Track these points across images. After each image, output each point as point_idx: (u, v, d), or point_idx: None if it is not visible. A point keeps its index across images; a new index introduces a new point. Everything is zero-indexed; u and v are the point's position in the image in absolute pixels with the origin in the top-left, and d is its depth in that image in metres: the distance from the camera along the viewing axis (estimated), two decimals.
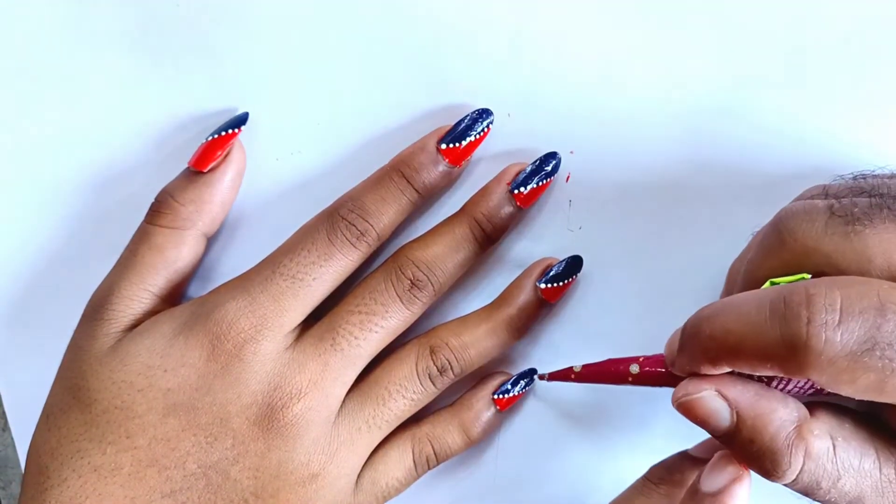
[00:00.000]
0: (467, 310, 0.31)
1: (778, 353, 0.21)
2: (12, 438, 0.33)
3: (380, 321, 0.28)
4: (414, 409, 0.30)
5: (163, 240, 0.29)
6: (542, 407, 0.32)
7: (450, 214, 0.30)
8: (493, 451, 0.32)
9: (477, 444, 0.31)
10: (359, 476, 0.30)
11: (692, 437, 0.31)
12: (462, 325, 0.30)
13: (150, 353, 0.27)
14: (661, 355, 0.26)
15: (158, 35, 0.30)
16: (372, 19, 0.30)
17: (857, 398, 0.22)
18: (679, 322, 0.31)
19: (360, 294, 0.29)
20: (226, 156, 0.29)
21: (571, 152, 0.30)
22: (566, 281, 0.30)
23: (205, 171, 0.29)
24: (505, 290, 0.31)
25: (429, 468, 0.31)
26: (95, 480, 0.26)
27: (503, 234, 0.30)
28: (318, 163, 0.31)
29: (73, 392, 0.28)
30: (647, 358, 0.27)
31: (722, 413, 0.23)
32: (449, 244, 0.29)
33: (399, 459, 0.30)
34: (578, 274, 0.30)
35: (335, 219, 0.28)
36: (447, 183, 0.30)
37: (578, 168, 0.30)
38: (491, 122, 0.29)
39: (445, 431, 0.31)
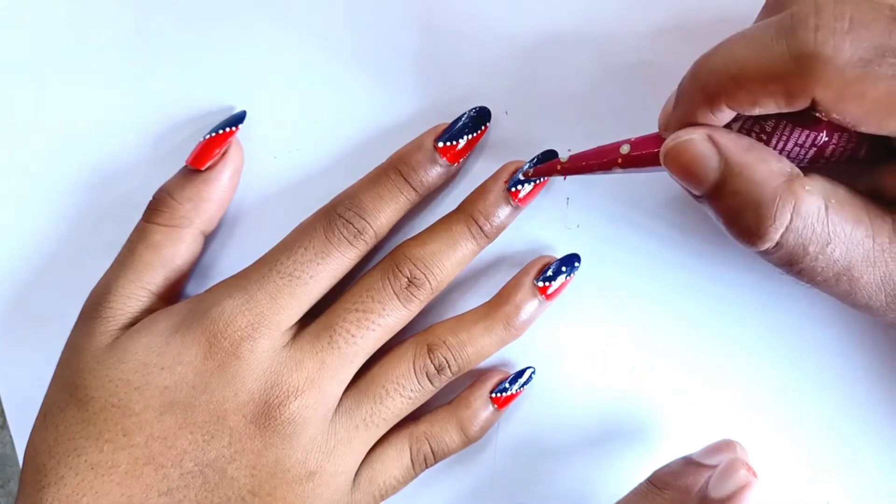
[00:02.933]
0: (465, 308, 0.31)
1: (783, 68, 0.20)
2: (11, 436, 0.33)
3: (377, 319, 0.28)
4: (412, 408, 0.30)
5: (160, 238, 0.29)
6: (540, 406, 0.32)
7: (445, 211, 0.30)
8: (492, 451, 0.32)
9: (475, 442, 0.31)
10: (356, 474, 0.30)
11: (692, 437, 0.31)
12: (460, 323, 0.30)
13: (147, 351, 0.27)
14: (653, 134, 0.25)
15: (156, 33, 0.30)
16: (369, 18, 0.30)
17: (861, 128, 0.20)
18: (678, 320, 0.31)
19: (358, 292, 0.29)
20: (223, 154, 0.29)
21: (569, 150, 0.30)
22: (564, 279, 0.30)
23: (202, 169, 0.29)
24: (503, 289, 0.30)
25: (426, 467, 0.31)
26: (92, 478, 0.26)
27: (500, 232, 0.30)
28: (315, 161, 0.31)
29: (70, 390, 0.28)
30: (638, 138, 0.25)
31: (710, 159, 0.22)
32: (446, 242, 0.29)
33: (397, 458, 0.30)
34: (576, 272, 0.30)
35: (332, 217, 0.28)
36: (444, 181, 0.30)
37: None
38: (488, 121, 0.29)
39: (443, 430, 0.30)
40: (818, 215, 0.21)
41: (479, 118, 0.29)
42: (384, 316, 0.28)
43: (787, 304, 0.30)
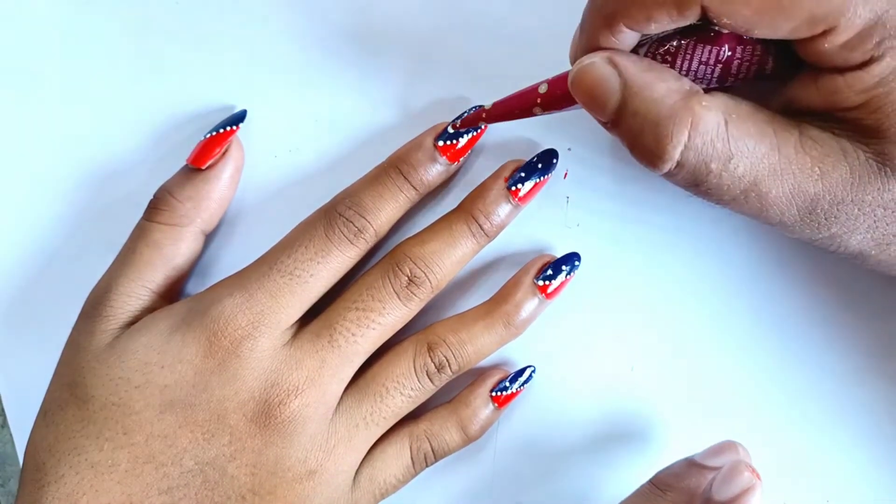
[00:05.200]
0: (465, 307, 0.31)
1: None
2: (11, 435, 0.33)
3: (377, 318, 0.28)
4: (412, 406, 0.30)
5: (161, 236, 0.29)
6: (540, 405, 0.32)
7: (446, 210, 0.30)
8: (491, 451, 0.32)
9: (475, 441, 0.31)
10: (356, 473, 0.29)
11: (692, 436, 0.31)
12: (460, 321, 0.30)
13: (147, 349, 0.27)
14: (567, 72, 0.25)
15: (157, 32, 0.30)
16: (369, 17, 0.30)
17: (756, 32, 0.20)
18: (678, 319, 0.31)
19: (358, 291, 0.29)
20: (224, 153, 0.29)
21: (569, 149, 0.30)
22: (564, 278, 0.30)
23: (203, 168, 0.29)
24: (503, 287, 0.30)
25: (426, 465, 0.31)
26: (92, 477, 0.26)
27: (501, 231, 0.30)
28: (315, 160, 0.31)
29: (70, 388, 0.28)
30: (554, 77, 0.25)
31: (610, 81, 0.22)
32: (446, 241, 0.29)
33: (397, 456, 0.30)
34: (576, 271, 0.30)
35: (333, 216, 0.28)
36: (444, 180, 0.30)
37: (576, 165, 0.30)
38: None
39: (443, 429, 0.30)
40: (717, 131, 0.21)
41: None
42: (384, 314, 0.28)
43: (788, 303, 0.30)
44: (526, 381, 0.31)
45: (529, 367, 0.31)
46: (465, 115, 0.29)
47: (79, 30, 0.31)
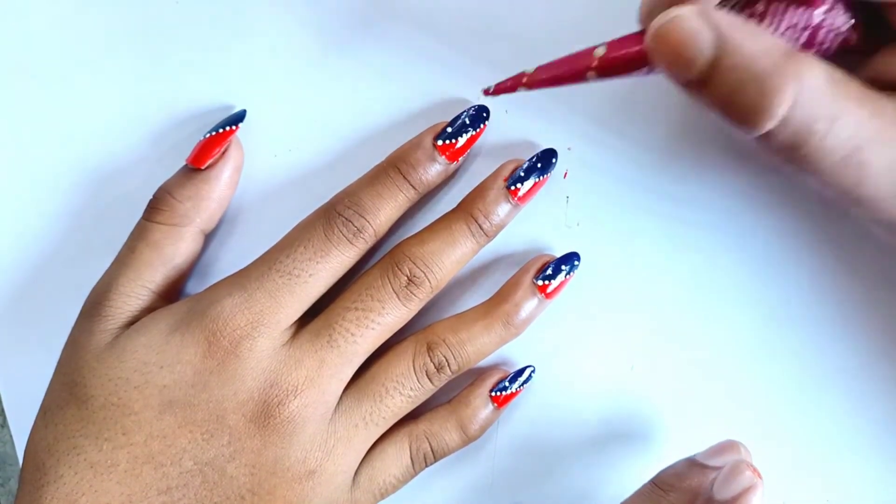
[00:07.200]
0: (464, 306, 0.31)
1: None
2: (10, 435, 0.33)
3: (377, 318, 0.28)
4: (411, 406, 0.30)
5: (160, 236, 0.29)
6: (540, 405, 0.32)
7: (445, 209, 0.30)
8: (492, 451, 0.32)
9: (474, 441, 0.31)
10: (356, 473, 0.29)
11: (692, 435, 0.31)
12: (459, 321, 0.30)
13: (146, 349, 0.27)
14: (631, 34, 0.23)
15: (156, 32, 0.30)
16: (368, 16, 0.30)
17: None
18: (678, 318, 0.31)
19: (357, 291, 0.28)
20: (224, 153, 0.29)
21: (569, 148, 0.30)
22: (563, 277, 0.30)
23: (203, 168, 0.29)
24: (502, 287, 0.30)
25: (426, 465, 0.31)
26: (91, 477, 0.26)
27: (500, 231, 0.30)
28: (315, 159, 0.31)
29: (69, 388, 0.28)
30: (614, 39, 0.23)
31: (703, 35, 0.20)
32: (446, 240, 0.29)
33: (396, 456, 0.30)
34: (575, 270, 0.30)
35: (332, 215, 0.28)
36: (443, 179, 0.30)
37: (576, 164, 0.30)
38: (488, 119, 0.29)
39: (443, 429, 0.30)
40: (824, 88, 0.20)
41: (479, 116, 0.29)
42: (384, 314, 0.28)
43: (789, 302, 0.30)
44: (525, 381, 0.31)
45: (529, 366, 0.31)
46: (537, 160, 0.28)
47: (78, 30, 0.31)
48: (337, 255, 0.28)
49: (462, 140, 0.29)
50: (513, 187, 0.29)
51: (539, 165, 0.29)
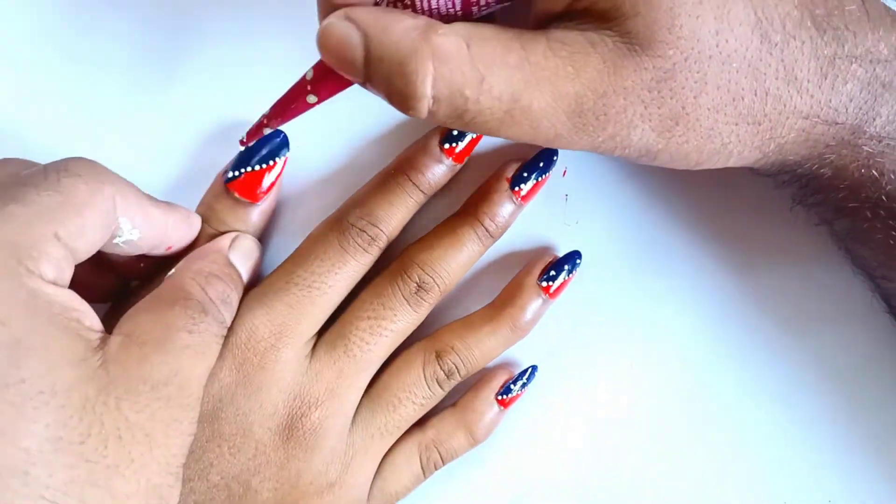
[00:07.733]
0: (466, 306, 0.31)
1: None
2: None
3: (389, 325, 0.28)
4: (421, 413, 0.30)
5: None
6: (541, 404, 0.32)
7: (444, 207, 0.30)
8: (492, 451, 0.32)
9: (481, 443, 0.31)
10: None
11: (693, 435, 0.31)
12: (466, 326, 0.30)
13: None
14: None
15: (156, 32, 0.30)
16: None
17: None
18: (679, 316, 0.31)
19: (368, 299, 0.28)
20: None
21: None
22: (566, 276, 0.30)
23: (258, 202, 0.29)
24: (506, 289, 0.30)
25: (434, 471, 0.31)
26: None
27: (505, 231, 0.30)
28: (318, 163, 0.30)
29: None
30: (317, 62, 0.24)
31: (352, 36, 0.21)
32: (452, 245, 0.29)
33: (406, 466, 0.30)
34: (577, 269, 0.30)
35: (345, 226, 0.28)
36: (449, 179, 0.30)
37: (575, 163, 0.30)
38: None
39: (451, 436, 0.31)
40: (461, 56, 0.21)
41: None
42: (396, 321, 0.28)
43: (789, 301, 0.31)
44: (528, 381, 0.31)
45: (532, 367, 0.31)
46: (537, 160, 0.29)
47: (78, 30, 0.30)
48: (353, 265, 0.28)
49: (467, 141, 0.29)
50: (516, 188, 0.29)
51: (540, 164, 0.29)
